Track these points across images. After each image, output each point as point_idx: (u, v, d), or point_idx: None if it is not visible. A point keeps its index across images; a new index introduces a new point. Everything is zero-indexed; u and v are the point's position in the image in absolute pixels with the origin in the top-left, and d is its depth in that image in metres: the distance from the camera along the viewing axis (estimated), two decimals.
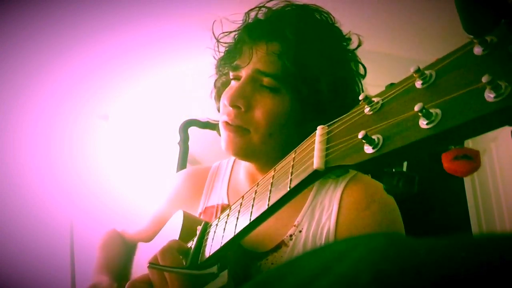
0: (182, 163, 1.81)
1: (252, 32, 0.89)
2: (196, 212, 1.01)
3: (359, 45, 0.94)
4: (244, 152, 0.88)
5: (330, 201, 0.86)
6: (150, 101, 2.90)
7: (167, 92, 2.90)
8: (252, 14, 0.93)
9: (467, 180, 2.91)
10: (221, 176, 1.06)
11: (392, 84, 0.40)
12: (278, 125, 0.85)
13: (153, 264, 0.71)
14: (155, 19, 2.72)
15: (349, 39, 0.93)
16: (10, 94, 2.49)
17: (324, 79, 0.83)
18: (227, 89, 0.91)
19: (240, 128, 0.86)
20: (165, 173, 2.58)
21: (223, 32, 0.96)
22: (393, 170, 0.36)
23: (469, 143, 2.94)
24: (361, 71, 0.94)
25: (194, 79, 2.84)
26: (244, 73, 0.87)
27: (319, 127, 0.48)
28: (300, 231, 0.85)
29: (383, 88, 0.40)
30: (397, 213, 0.86)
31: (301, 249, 0.83)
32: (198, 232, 0.78)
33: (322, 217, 0.85)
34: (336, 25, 0.93)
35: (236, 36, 0.94)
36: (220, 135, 1.06)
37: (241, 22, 0.94)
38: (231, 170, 1.06)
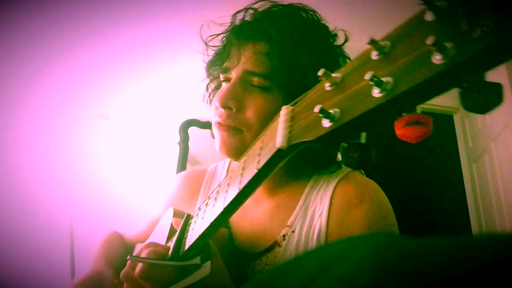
0: (182, 163, 1.81)
1: (239, 33, 0.89)
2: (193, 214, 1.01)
3: (345, 41, 0.93)
4: (237, 152, 0.87)
5: (321, 200, 0.85)
6: (150, 101, 2.91)
7: (167, 92, 2.91)
8: (240, 16, 0.93)
9: (467, 180, 2.89)
10: (217, 178, 1.06)
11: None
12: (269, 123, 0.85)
13: (134, 257, 0.71)
14: (155, 19, 2.73)
15: (335, 35, 0.93)
16: (10, 94, 2.50)
17: (312, 75, 0.83)
18: (218, 91, 0.91)
19: (232, 128, 0.86)
20: (165, 173, 2.59)
21: (211, 35, 0.96)
22: (350, 142, 0.36)
23: (469, 143, 2.93)
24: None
25: (194, 79, 2.84)
26: (234, 74, 0.87)
27: (283, 107, 0.48)
28: (293, 231, 0.84)
29: None
30: (389, 210, 0.84)
31: (294, 249, 0.82)
32: (180, 224, 0.77)
33: (314, 217, 0.84)
34: (323, 22, 0.92)
35: (224, 39, 0.94)
36: (214, 137, 1.06)
37: (229, 24, 0.94)
38: (227, 171, 1.06)
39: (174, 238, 0.75)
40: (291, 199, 0.89)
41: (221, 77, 0.90)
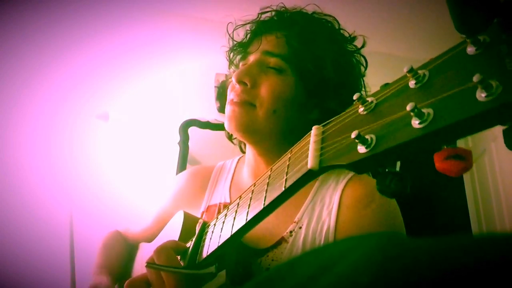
0: (182, 163, 1.81)
1: (264, 23, 0.96)
2: (199, 210, 1.01)
3: (363, 46, 0.99)
4: (246, 126, 0.89)
5: (330, 198, 0.86)
6: (150, 101, 2.90)
7: (167, 91, 2.90)
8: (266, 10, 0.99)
9: (467, 180, 2.90)
10: (225, 175, 1.06)
11: (387, 84, 0.40)
12: (282, 102, 0.88)
13: (150, 264, 0.71)
14: (155, 19, 2.72)
15: (355, 38, 0.99)
16: (10, 94, 2.48)
17: (329, 59, 0.89)
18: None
19: (245, 103, 0.89)
20: (165, 173, 2.58)
21: (240, 25, 1.01)
22: (386, 170, 0.36)
23: (469, 143, 2.94)
24: (362, 70, 0.99)
25: (194, 79, 2.84)
26: (252, 58, 0.92)
27: (314, 127, 0.48)
28: (300, 228, 0.85)
29: None
30: (397, 212, 0.86)
31: (301, 245, 0.83)
32: (196, 232, 0.78)
33: (322, 214, 0.85)
34: (342, 30, 0.99)
35: (248, 30, 0.99)
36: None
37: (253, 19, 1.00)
38: (235, 169, 1.06)
39: (190, 245, 0.75)
40: (299, 196, 0.88)
41: (241, 64, 0.96)
